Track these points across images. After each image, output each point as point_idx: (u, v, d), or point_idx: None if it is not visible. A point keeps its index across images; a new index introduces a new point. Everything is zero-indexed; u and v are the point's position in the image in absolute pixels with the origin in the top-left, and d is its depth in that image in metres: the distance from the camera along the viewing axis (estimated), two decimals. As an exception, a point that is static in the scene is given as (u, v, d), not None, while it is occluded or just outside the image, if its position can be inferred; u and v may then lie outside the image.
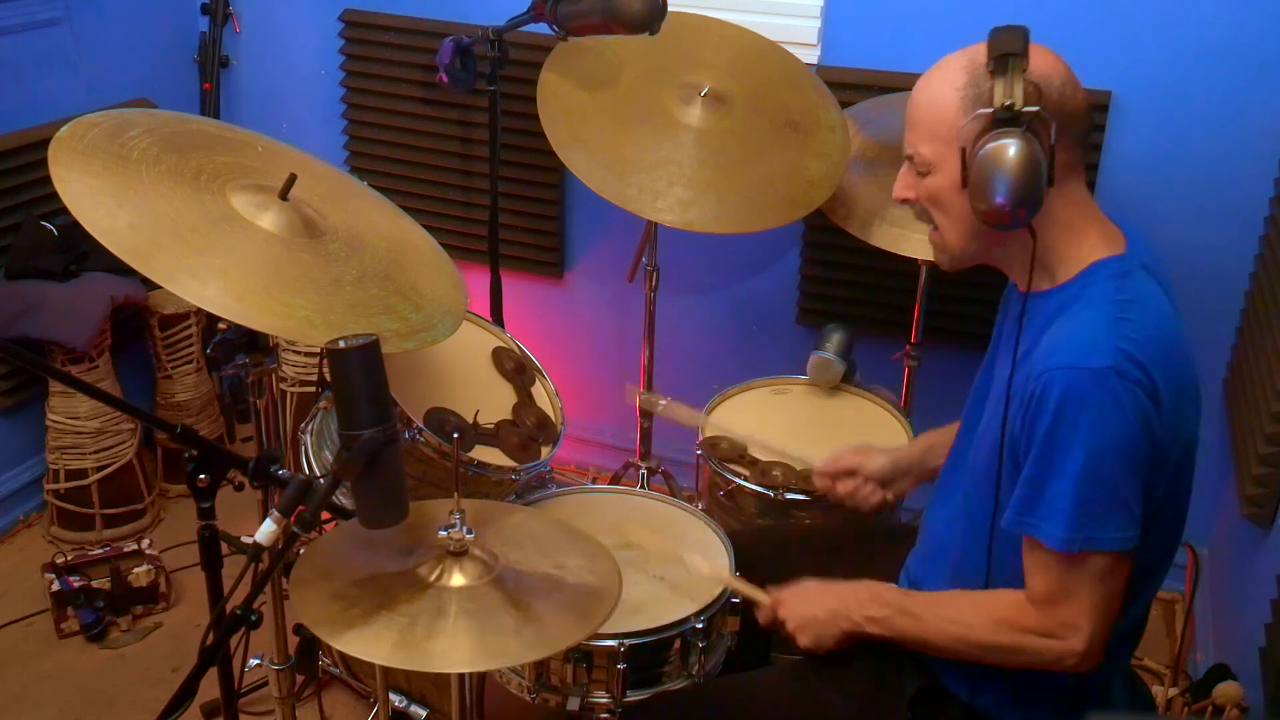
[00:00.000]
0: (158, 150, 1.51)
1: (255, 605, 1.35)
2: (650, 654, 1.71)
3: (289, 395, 2.90)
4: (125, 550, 2.61)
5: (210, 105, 3.14)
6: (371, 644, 1.30)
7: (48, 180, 1.38)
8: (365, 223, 1.70)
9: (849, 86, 2.55)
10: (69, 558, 2.58)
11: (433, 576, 1.42)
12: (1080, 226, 1.40)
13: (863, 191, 2.33)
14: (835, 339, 2.39)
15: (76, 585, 2.50)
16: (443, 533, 1.43)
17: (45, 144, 1.42)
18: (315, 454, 2.04)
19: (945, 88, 1.37)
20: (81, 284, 2.69)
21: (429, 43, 2.83)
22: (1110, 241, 1.40)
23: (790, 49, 2.48)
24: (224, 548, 1.52)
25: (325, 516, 1.43)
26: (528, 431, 2.11)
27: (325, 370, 1.32)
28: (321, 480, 1.31)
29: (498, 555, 1.48)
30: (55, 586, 2.49)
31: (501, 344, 2.30)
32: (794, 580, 1.62)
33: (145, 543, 2.63)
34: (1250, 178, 2.37)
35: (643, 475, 2.72)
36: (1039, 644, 1.37)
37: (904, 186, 1.47)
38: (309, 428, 2.07)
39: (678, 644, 1.72)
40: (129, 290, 2.75)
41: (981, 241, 1.42)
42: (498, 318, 2.73)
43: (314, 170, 1.72)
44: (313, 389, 2.84)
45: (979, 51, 1.36)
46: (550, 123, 2.30)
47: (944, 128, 1.37)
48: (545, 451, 2.10)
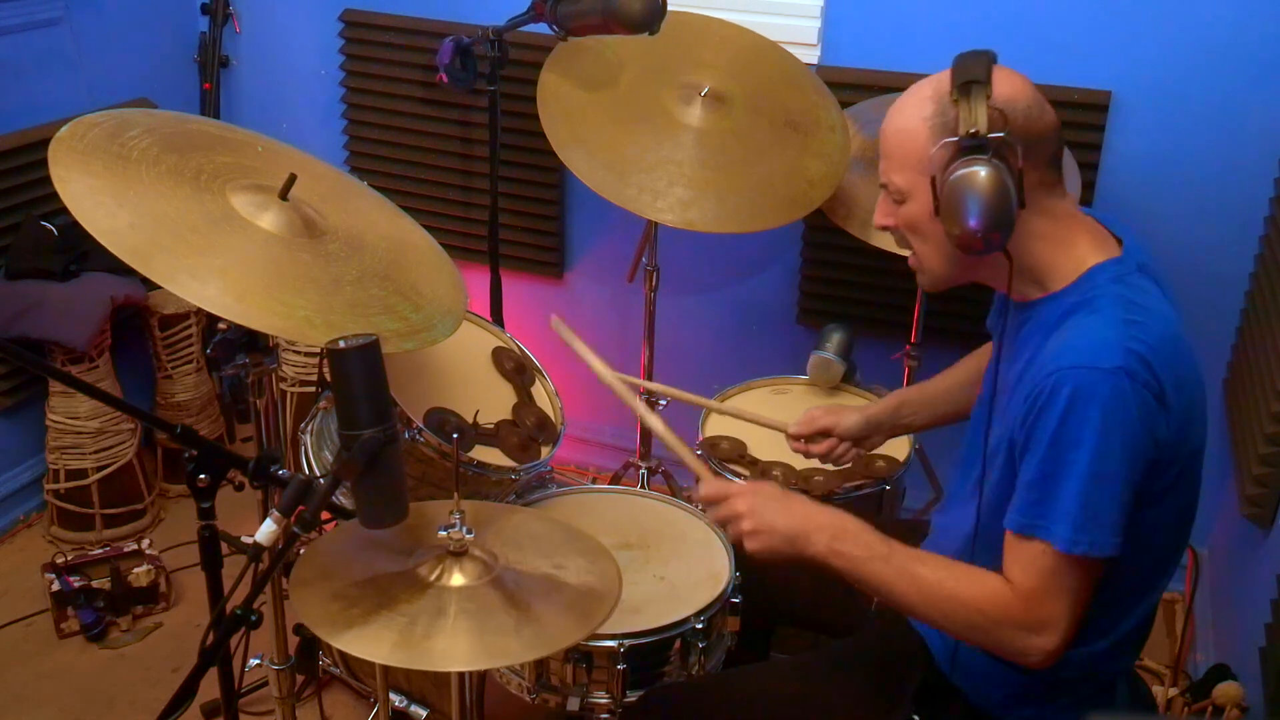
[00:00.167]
0: (158, 150, 1.51)
1: (255, 605, 1.35)
2: (650, 654, 1.71)
3: (289, 395, 2.90)
4: (125, 550, 2.61)
5: (210, 105, 3.14)
6: (371, 643, 1.30)
7: (48, 180, 1.38)
8: (365, 223, 1.70)
9: (849, 86, 2.55)
10: (69, 558, 2.58)
11: (433, 576, 1.42)
12: (1065, 237, 1.40)
13: (863, 191, 2.33)
14: (835, 339, 2.39)
15: (76, 585, 2.50)
16: (442, 533, 1.43)
17: (45, 144, 1.42)
18: (315, 454, 2.04)
19: (913, 117, 1.38)
20: (81, 284, 2.69)
21: (429, 43, 2.83)
22: (1102, 246, 1.41)
23: (790, 49, 2.48)
24: (224, 548, 1.52)
25: (325, 516, 1.44)
26: (528, 431, 2.11)
27: (325, 370, 1.32)
28: (321, 480, 1.31)
29: (498, 555, 1.48)
30: (55, 586, 2.49)
31: (501, 344, 2.30)
32: (795, 581, 1.61)
33: (145, 543, 2.63)
34: (1250, 178, 2.37)
35: (643, 475, 2.72)
36: (1014, 635, 1.35)
37: (883, 214, 1.49)
38: (309, 428, 2.07)
39: (678, 644, 1.72)
40: (129, 290, 2.75)
41: (960, 265, 1.44)
42: (498, 318, 2.73)
43: (314, 170, 1.72)
44: (313, 389, 2.84)
45: (944, 79, 1.37)
46: (550, 123, 2.30)
47: (914, 157, 1.39)
48: (545, 451, 2.10)
